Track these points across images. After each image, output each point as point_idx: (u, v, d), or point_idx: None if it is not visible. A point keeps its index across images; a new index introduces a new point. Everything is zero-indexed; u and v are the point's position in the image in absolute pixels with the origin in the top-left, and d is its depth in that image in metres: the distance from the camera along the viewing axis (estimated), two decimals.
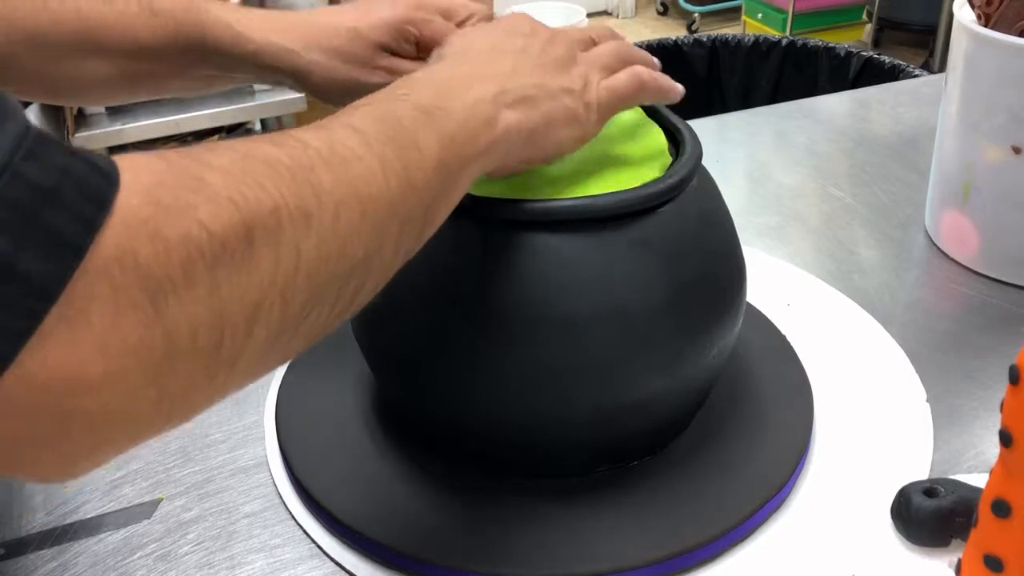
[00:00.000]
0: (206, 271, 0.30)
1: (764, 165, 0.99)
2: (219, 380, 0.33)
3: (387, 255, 0.39)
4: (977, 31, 0.71)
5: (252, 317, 0.32)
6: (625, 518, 0.53)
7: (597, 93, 0.50)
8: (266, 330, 0.33)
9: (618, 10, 4.11)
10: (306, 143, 0.36)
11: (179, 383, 0.31)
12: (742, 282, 0.57)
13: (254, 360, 0.34)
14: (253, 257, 0.32)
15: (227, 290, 0.31)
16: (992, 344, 0.69)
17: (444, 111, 0.43)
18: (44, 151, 0.28)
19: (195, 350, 0.31)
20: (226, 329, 0.31)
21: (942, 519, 0.49)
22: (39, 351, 0.27)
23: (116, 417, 0.30)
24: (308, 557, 0.54)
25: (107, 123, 1.84)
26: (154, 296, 0.29)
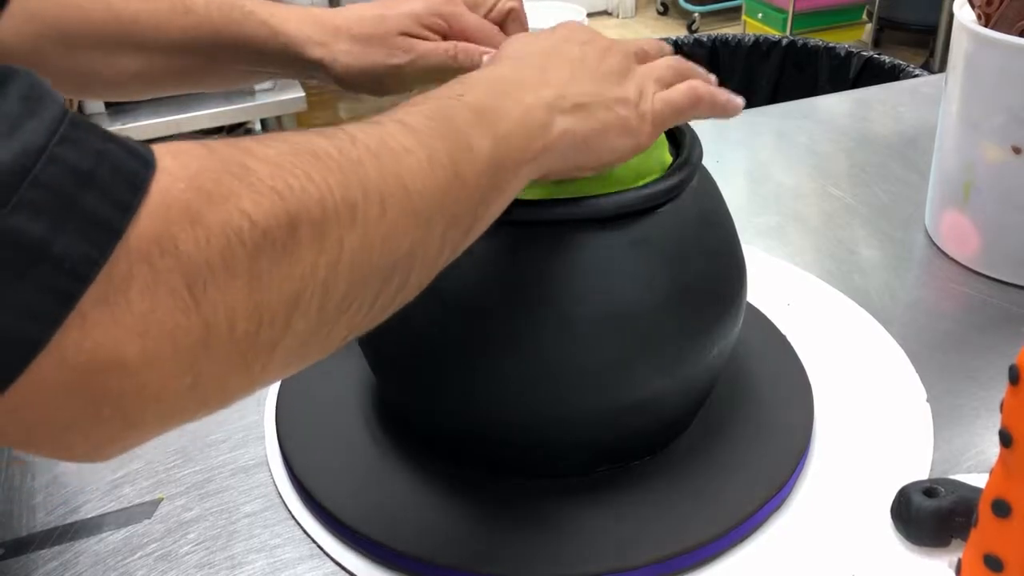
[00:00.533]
0: (247, 259, 0.30)
1: (764, 165, 0.99)
2: (255, 369, 0.33)
3: (432, 251, 0.39)
4: (977, 31, 0.71)
5: (292, 307, 0.32)
6: (625, 518, 0.53)
7: (652, 104, 0.50)
8: (305, 321, 0.33)
9: (618, 10, 4.11)
10: (355, 137, 0.36)
11: (215, 370, 0.31)
12: (742, 282, 0.57)
13: (292, 351, 0.34)
14: (296, 248, 0.32)
15: (267, 280, 0.31)
16: (992, 344, 0.69)
17: (498, 113, 0.43)
18: (81, 135, 0.28)
19: (232, 338, 0.31)
20: (264, 318, 0.31)
21: (942, 519, 0.49)
22: (77, 331, 0.27)
23: (150, 401, 0.30)
24: (308, 557, 0.54)
25: (107, 123, 1.84)
26: (192, 283, 0.29)
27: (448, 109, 0.41)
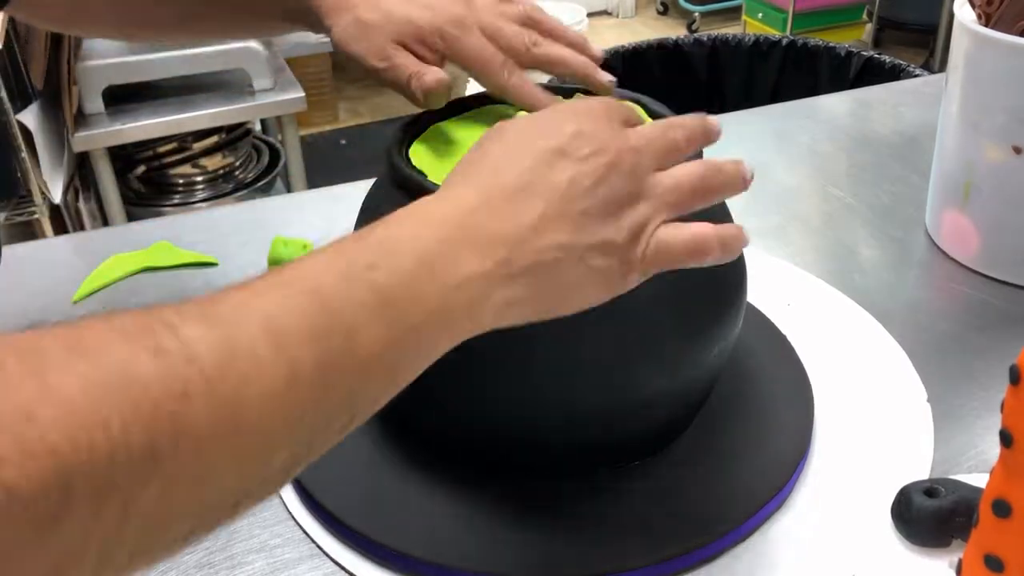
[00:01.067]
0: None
1: (764, 165, 0.99)
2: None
3: (272, 477, 0.34)
4: (978, 31, 0.71)
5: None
6: (625, 518, 0.53)
7: (646, 249, 0.42)
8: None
9: (618, 10, 4.11)
10: (195, 355, 0.30)
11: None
12: (742, 282, 0.57)
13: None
14: (64, 517, 0.26)
15: (19, 555, 0.26)
16: (992, 344, 0.69)
17: (412, 300, 0.36)
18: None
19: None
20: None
21: (942, 519, 0.49)
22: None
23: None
24: (308, 557, 0.54)
25: (107, 123, 1.83)
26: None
27: (346, 290, 0.35)
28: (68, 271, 0.81)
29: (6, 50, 1.66)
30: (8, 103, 1.57)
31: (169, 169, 2.02)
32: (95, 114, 1.85)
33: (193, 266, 0.81)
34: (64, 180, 1.75)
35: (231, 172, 2.08)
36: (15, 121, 1.58)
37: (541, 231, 0.40)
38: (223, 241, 0.85)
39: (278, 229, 0.83)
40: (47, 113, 1.77)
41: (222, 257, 0.82)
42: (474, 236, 0.39)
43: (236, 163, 2.08)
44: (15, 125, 1.58)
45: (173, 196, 2.03)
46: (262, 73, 1.95)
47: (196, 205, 2.02)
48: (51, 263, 0.84)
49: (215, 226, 0.87)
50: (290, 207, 0.94)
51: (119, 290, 0.79)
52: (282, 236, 0.79)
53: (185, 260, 0.82)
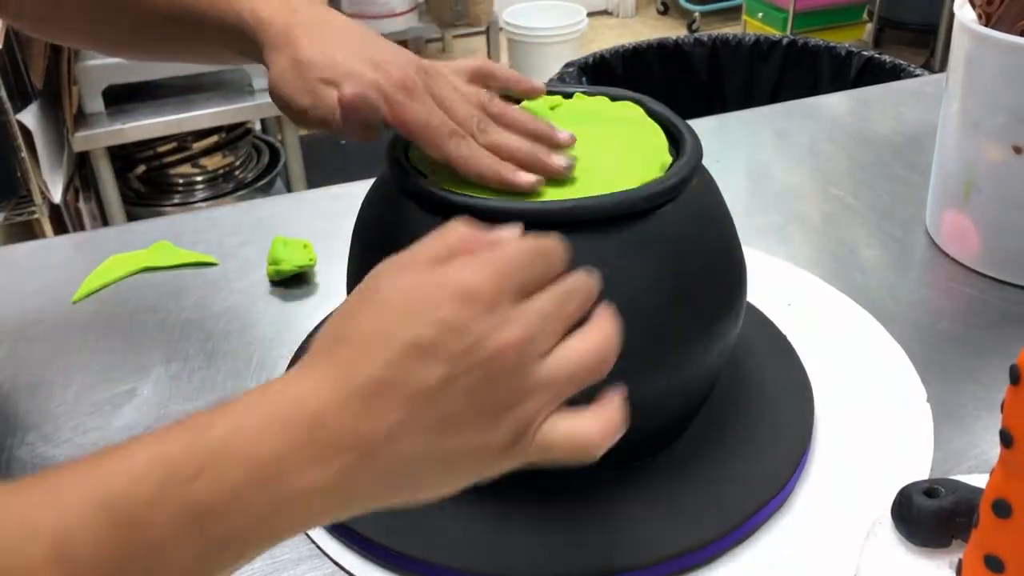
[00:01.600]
0: None
1: (764, 165, 0.99)
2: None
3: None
4: (978, 31, 0.71)
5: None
6: (625, 518, 0.53)
7: (527, 445, 0.38)
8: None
9: (618, 10, 4.11)
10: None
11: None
12: (742, 282, 0.57)
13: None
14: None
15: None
16: (992, 344, 0.69)
17: (238, 511, 0.33)
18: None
19: None
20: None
21: (943, 519, 0.49)
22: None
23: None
24: (308, 557, 0.54)
25: (107, 123, 1.84)
26: None
27: (159, 504, 0.31)
28: (68, 271, 0.81)
29: (6, 50, 1.66)
30: (8, 103, 1.57)
31: (169, 169, 2.02)
32: (95, 114, 1.85)
33: (193, 266, 0.81)
34: (64, 180, 1.76)
35: (231, 172, 2.08)
36: (15, 121, 1.58)
37: (398, 439, 0.35)
38: (223, 241, 0.85)
39: (278, 229, 0.83)
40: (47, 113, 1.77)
41: (222, 257, 0.82)
42: (321, 441, 0.34)
43: (236, 163, 2.09)
44: (15, 125, 1.58)
45: (173, 196, 2.04)
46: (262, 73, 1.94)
47: (196, 205, 2.02)
48: (51, 263, 0.84)
49: (215, 226, 0.87)
50: (290, 207, 0.94)
51: (119, 290, 0.79)
52: (282, 236, 0.79)
53: (185, 260, 0.82)
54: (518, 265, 0.38)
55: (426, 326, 0.36)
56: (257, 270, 0.80)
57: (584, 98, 0.62)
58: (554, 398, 0.38)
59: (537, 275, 0.39)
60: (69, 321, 0.75)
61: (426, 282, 0.37)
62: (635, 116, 0.59)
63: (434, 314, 0.36)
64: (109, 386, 0.67)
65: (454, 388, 0.36)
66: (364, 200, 0.58)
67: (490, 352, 0.36)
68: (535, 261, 0.39)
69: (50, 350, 0.71)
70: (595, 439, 0.39)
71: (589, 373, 0.39)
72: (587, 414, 0.40)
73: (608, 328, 0.40)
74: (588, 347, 0.39)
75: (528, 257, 0.39)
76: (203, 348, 0.71)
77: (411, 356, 0.35)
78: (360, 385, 0.35)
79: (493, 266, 0.38)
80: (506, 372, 0.36)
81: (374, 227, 0.56)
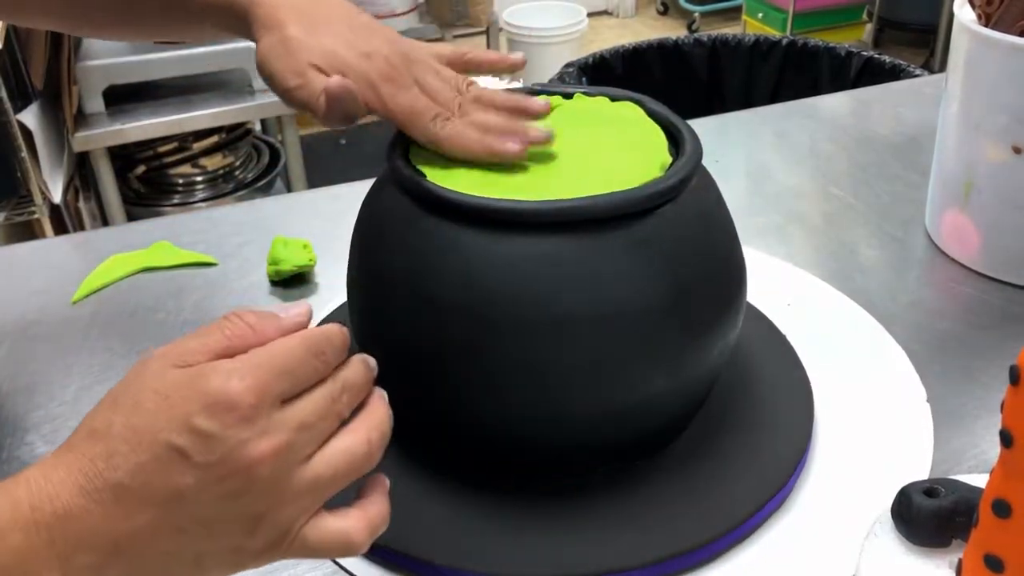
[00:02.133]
0: None
1: (764, 165, 0.99)
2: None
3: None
4: (978, 31, 0.71)
5: None
6: (625, 518, 0.53)
7: (287, 547, 0.38)
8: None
9: (618, 10, 4.11)
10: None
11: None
12: (742, 282, 0.57)
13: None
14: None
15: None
16: (992, 344, 0.69)
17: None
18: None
19: None
20: None
21: (942, 519, 0.49)
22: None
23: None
24: None
25: (107, 123, 1.83)
26: None
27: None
28: (68, 271, 0.81)
29: (6, 50, 1.66)
30: (8, 103, 1.57)
31: (169, 169, 2.02)
32: (95, 114, 1.85)
33: (193, 266, 0.81)
34: (64, 180, 1.75)
35: (231, 172, 2.08)
36: (15, 121, 1.58)
37: (149, 539, 0.35)
38: (223, 241, 0.85)
39: (278, 229, 0.83)
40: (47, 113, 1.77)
41: (222, 257, 0.82)
42: (69, 540, 0.34)
43: (236, 163, 2.09)
44: (15, 125, 1.58)
45: (173, 196, 2.04)
46: None
47: (196, 205, 2.02)
48: (51, 263, 0.84)
49: (215, 226, 0.87)
50: (290, 207, 0.94)
51: (119, 290, 0.79)
52: (282, 236, 0.79)
53: (185, 260, 0.82)
54: (286, 370, 0.37)
55: (179, 433, 0.35)
56: (257, 270, 0.80)
57: (584, 98, 0.62)
58: (316, 501, 0.38)
59: (308, 376, 0.38)
60: (69, 321, 0.75)
61: (186, 384, 0.36)
62: (635, 116, 0.59)
63: (188, 421, 0.35)
64: (108, 386, 0.67)
65: (207, 495, 0.35)
66: (364, 200, 0.58)
67: (245, 463, 0.35)
68: (307, 363, 0.38)
69: (50, 350, 0.71)
70: (360, 538, 0.39)
71: (354, 471, 0.39)
72: (352, 512, 0.40)
73: (377, 418, 0.40)
74: (354, 443, 0.39)
75: (299, 360, 0.38)
76: None
77: (163, 460, 0.35)
78: (111, 485, 0.35)
79: (257, 373, 0.36)
80: (263, 482, 0.36)
81: (374, 227, 0.56)
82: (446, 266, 0.50)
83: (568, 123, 0.58)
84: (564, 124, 0.58)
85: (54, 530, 0.34)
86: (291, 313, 0.40)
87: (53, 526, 0.34)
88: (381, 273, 0.54)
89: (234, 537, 0.37)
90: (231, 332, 0.38)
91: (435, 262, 0.51)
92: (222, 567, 0.38)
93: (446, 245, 0.50)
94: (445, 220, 0.51)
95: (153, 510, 0.35)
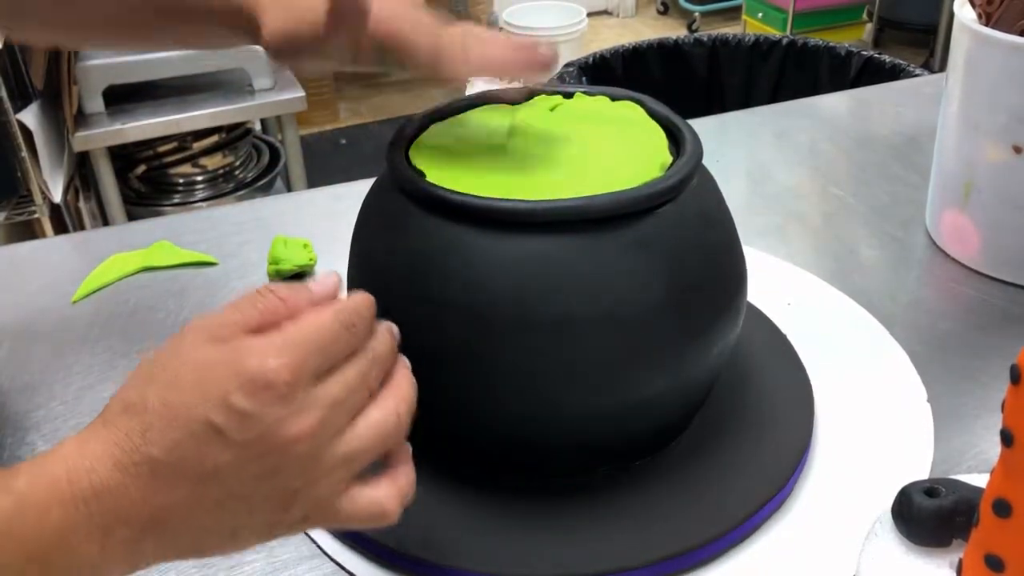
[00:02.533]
0: None
1: (764, 165, 0.99)
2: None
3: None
4: (978, 30, 0.71)
5: None
6: (625, 518, 0.53)
7: (322, 518, 0.39)
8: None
9: (618, 10, 4.11)
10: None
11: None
12: (742, 282, 0.57)
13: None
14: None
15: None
16: (993, 344, 0.69)
17: None
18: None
19: None
20: None
21: (943, 519, 0.49)
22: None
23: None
24: (308, 557, 0.54)
25: (107, 123, 1.83)
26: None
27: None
28: (68, 271, 0.81)
29: (6, 50, 1.66)
30: (8, 103, 1.57)
31: (169, 169, 2.02)
32: (95, 114, 1.85)
33: (193, 266, 0.81)
34: (64, 180, 1.75)
35: (231, 172, 2.08)
36: (15, 121, 1.58)
37: (185, 514, 0.36)
38: (223, 241, 0.85)
39: (278, 229, 0.83)
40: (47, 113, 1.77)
41: (222, 257, 0.82)
42: (107, 513, 0.35)
43: (236, 163, 2.08)
44: (15, 125, 1.58)
45: (173, 196, 2.04)
46: (262, 73, 1.95)
47: (196, 205, 2.02)
48: (51, 263, 0.84)
49: (215, 226, 0.87)
50: (290, 207, 0.94)
51: (119, 290, 0.79)
52: (282, 236, 0.79)
53: (185, 260, 0.82)
54: (319, 347, 0.38)
55: (216, 411, 0.35)
56: (257, 270, 0.80)
57: (584, 98, 0.62)
58: (349, 473, 0.39)
59: (341, 351, 0.39)
60: (69, 321, 0.75)
61: (223, 362, 0.36)
62: (635, 116, 0.59)
63: (226, 399, 0.35)
64: (109, 386, 0.68)
65: (244, 472, 0.36)
66: (364, 200, 0.58)
67: (282, 441, 0.36)
68: (339, 338, 0.39)
69: (50, 350, 0.71)
70: (391, 505, 0.40)
71: (385, 443, 0.40)
72: (383, 482, 0.40)
73: (404, 390, 0.41)
74: (384, 416, 0.40)
75: (332, 335, 0.38)
76: None
77: (199, 437, 0.35)
78: (147, 460, 0.35)
79: (293, 351, 0.37)
80: (299, 459, 0.36)
81: (374, 227, 0.56)
82: (446, 266, 0.50)
83: (568, 123, 0.58)
84: (564, 124, 0.58)
85: (91, 504, 0.34)
86: (322, 285, 0.41)
87: (91, 500, 0.35)
88: (381, 273, 0.54)
89: (270, 512, 0.37)
90: (264, 307, 0.38)
91: (435, 262, 0.51)
92: (257, 538, 0.38)
93: (446, 245, 0.50)
94: (445, 220, 0.51)
95: (190, 486, 0.35)
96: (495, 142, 0.57)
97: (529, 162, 0.55)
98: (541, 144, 0.56)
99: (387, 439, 0.40)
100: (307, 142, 2.25)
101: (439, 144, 0.57)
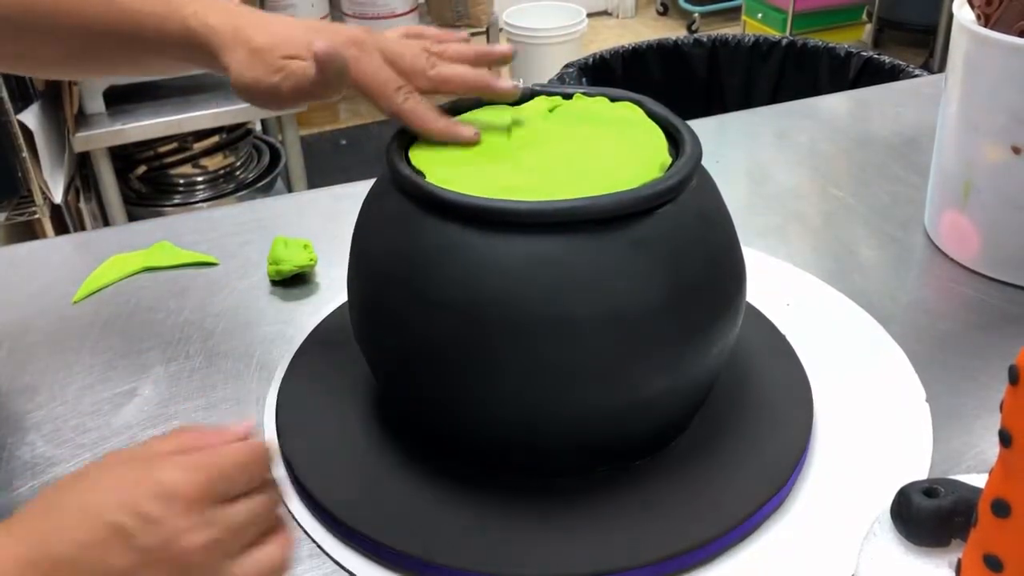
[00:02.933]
0: None
1: (764, 165, 0.99)
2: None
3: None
4: (977, 31, 0.71)
5: None
6: (625, 518, 0.53)
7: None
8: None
9: (618, 10, 4.11)
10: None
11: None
12: (742, 282, 0.57)
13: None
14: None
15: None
16: (992, 344, 0.69)
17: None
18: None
19: None
20: None
21: (942, 519, 0.49)
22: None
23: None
24: (308, 557, 0.54)
25: (108, 123, 1.83)
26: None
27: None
28: (68, 271, 0.81)
29: None
30: (9, 103, 1.57)
31: (170, 169, 2.02)
32: (96, 114, 1.85)
33: (193, 266, 0.81)
34: (65, 180, 1.75)
35: (232, 172, 2.08)
36: (16, 121, 1.58)
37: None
38: (223, 241, 0.85)
39: (279, 229, 0.83)
40: (48, 113, 1.77)
41: (222, 257, 0.82)
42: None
43: (237, 163, 2.08)
44: (16, 125, 1.58)
45: (173, 196, 2.03)
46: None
47: (196, 205, 2.02)
48: (51, 263, 0.84)
49: (215, 226, 0.87)
50: (291, 207, 0.94)
51: (119, 290, 0.79)
52: (283, 236, 0.79)
53: (185, 260, 0.82)
54: (225, 475, 0.41)
55: (126, 514, 0.38)
56: (257, 270, 0.80)
57: (584, 99, 0.62)
58: None
59: (242, 485, 0.42)
60: (69, 321, 0.75)
61: (140, 474, 0.39)
62: (635, 117, 0.59)
63: (136, 505, 0.38)
64: (109, 386, 0.68)
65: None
66: (364, 200, 0.58)
67: (180, 550, 0.38)
68: (243, 472, 0.42)
69: (50, 350, 0.71)
70: (280, 559, 0.43)
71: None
72: (267, 545, 0.43)
73: (286, 541, 0.44)
74: (271, 557, 0.42)
75: (238, 468, 0.42)
76: (203, 348, 0.71)
77: (106, 540, 0.37)
78: (53, 559, 0.37)
79: (203, 472, 0.40)
80: (192, 569, 0.39)
81: (374, 227, 0.56)
82: (446, 266, 0.50)
83: (568, 123, 0.59)
84: (564, 124, 0.58)
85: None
86: (239, 426, 0.45)
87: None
88: (381, 273, 0.54)
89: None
90: (183, 438, 0.43)
91: (435, 262, 0.51)
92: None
93: (446, 245, 0.51)
94: (445, 220, 0.51)
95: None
96: (495, 142, 0.57)
97: (529, 163, 0.55)
98: (541, 145, 0.56)
99: (272, 572, 0.42)
100: (307, 142, 2.25)
101: (439, 144, 0.57)
